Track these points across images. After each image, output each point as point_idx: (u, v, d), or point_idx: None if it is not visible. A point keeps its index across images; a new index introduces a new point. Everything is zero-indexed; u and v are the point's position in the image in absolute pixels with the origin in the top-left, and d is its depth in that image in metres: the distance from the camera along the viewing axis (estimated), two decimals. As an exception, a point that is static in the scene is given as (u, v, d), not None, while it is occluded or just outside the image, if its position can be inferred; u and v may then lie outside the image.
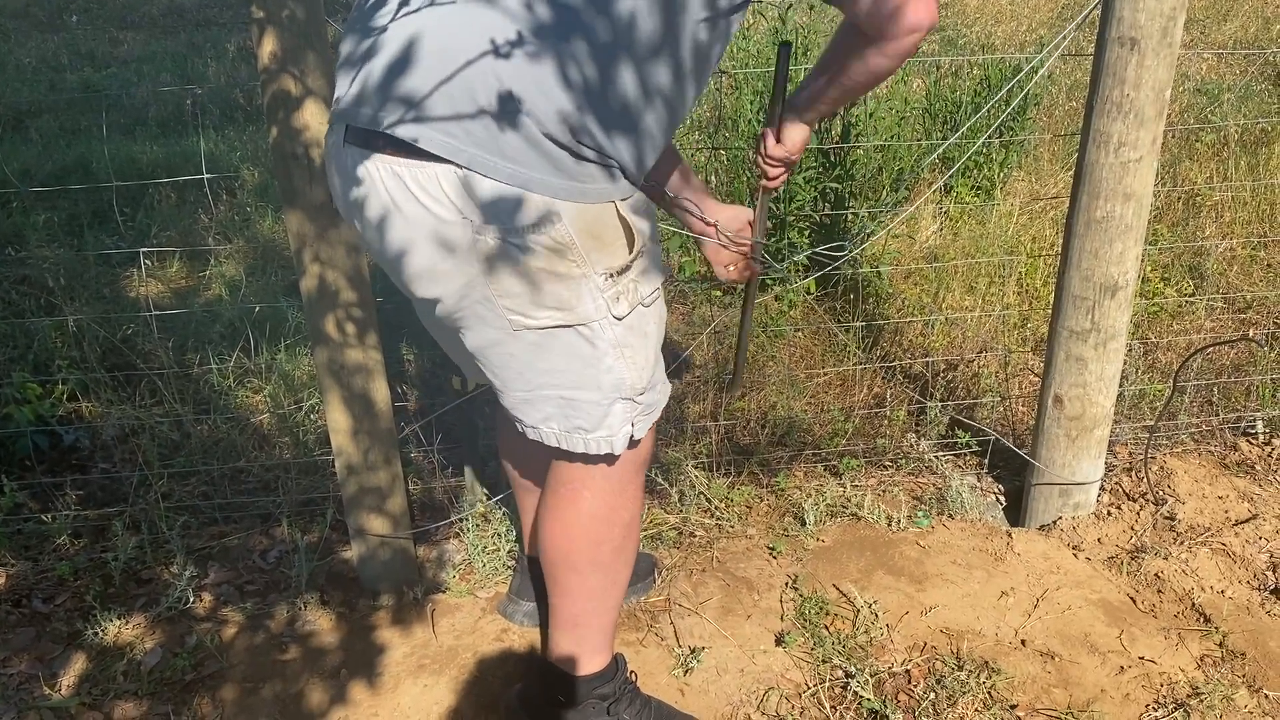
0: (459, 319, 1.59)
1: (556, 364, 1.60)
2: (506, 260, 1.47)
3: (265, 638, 2.28)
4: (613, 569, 1.83)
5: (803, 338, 3.58)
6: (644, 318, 1.63)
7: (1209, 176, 4.63)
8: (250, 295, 3.80)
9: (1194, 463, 2.84)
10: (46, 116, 6.05)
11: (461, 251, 1.47)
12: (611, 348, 1.60)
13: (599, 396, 1.63)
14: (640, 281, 1.61)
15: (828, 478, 2.80)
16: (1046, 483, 2.62)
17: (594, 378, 1.62)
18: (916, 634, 2.26)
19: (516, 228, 1.45)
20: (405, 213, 1.47)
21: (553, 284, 1.51)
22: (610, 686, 1.91)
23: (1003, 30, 7.44)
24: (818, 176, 3.75)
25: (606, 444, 1.68)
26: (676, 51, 1.48)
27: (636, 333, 1.63)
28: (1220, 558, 2.46)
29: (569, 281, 1.52)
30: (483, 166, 1.41)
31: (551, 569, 1.84)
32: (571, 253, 1.49)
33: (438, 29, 1.43)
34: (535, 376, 1.62)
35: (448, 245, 1.47)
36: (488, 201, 1.43)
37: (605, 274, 1.54)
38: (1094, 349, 2.46)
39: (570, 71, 1.40)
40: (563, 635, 1.90)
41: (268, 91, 2.21)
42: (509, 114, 1.39)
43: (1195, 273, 3.93)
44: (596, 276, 1.54)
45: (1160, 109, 2.25)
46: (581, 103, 1.42)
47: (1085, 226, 2.36)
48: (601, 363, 1.61)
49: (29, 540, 2.59)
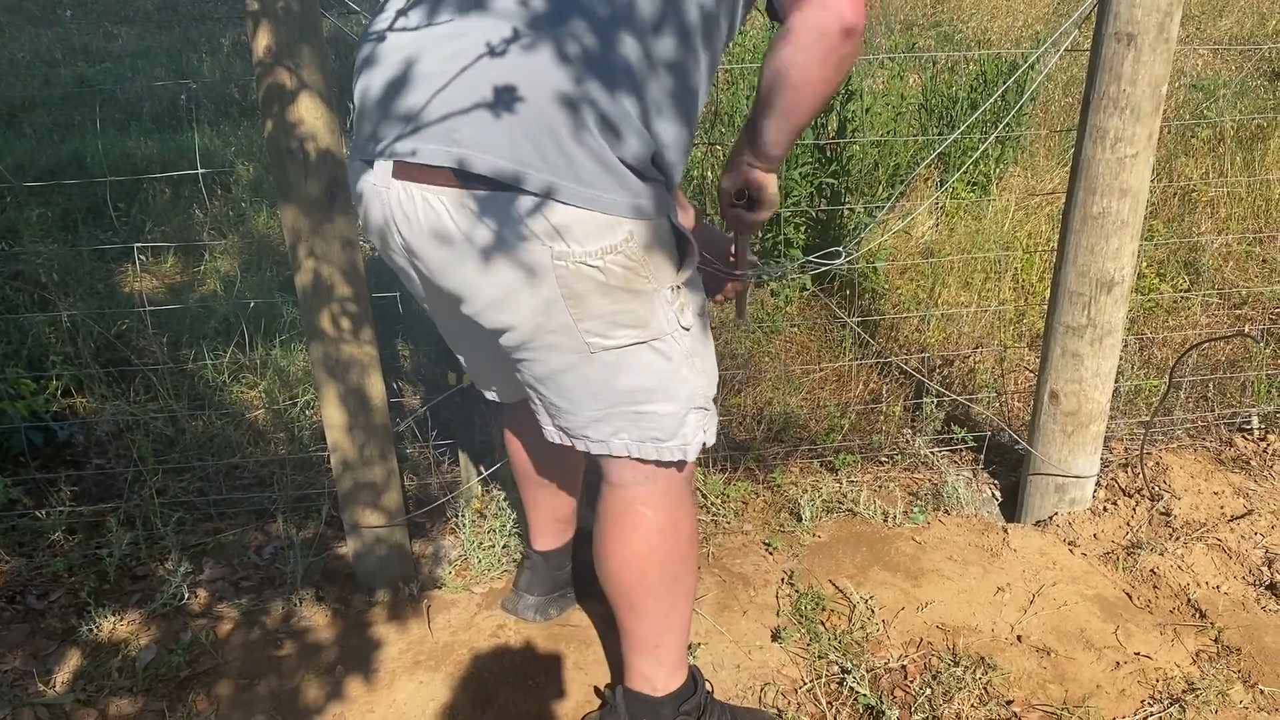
0: (531, 347, 1.58)
1: (634, 381, 1.60)
2: (586, 282, 1.48)
3: (260, 634, 2.27)
4: (684, 581, 1.82)
5: (799, 333, 3.57)
6: (704, 325, 1.67)
7: (1205, 172, 4.64)
8: (245, 290, 3.79)
9: (1189, 458, 2.84)
10: (40, 111, 6.02)
11: (540, 277, 1.47)
12: (685, 359, 1.62)
13: (676, 408, 1.64)
14: (694, 291, 1.64)
15: (824, 474, 2.80)
16: (1043, 473, 2.62)
17: (672, 390, 1.63)
18: (912, 630, 2.26)
19: (595, 250, 1.45)
20: (477, 242, 1.45)
21: (630, 302, 1.52)
22: (694, 700, 1.89)
23: (999, 25, 7.44)
24: (814, 172, 3.75)
25: (680, 451, 1.68)
26: (710, 32, 1.51)
27: (701, 340, 1.65)
28: (1216, 553, 2.46)
29: (643, 298, 1.53)
30: (558, 192, 1.41)
31: (625, 597, 1.81)
32: (644, 269, 1.51)
33: (498, 61, 1.42)
34: (611, 396, 1.62)
35: (526, 272, 1.46)
36: (565, 225, 1.43)
37: (671, 287, 1.56)
38: (1090, 345, 2.46)
39: (615, 71, 1.41)
40: (642, 659, 1.86)
41: (263, 85, 2.20)
42: (576, 133, 1.40)
43: (1191, 268, 3.93)
44: (665, 290, 1.55)
45: (1157, 105, 2.25)
46: (625, 105, 1.42)
47: (1081, 222, 2.36)
48: (678, 374, 1.62)
49: (23, 536, 2.59)
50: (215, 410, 3.04)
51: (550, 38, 1.40)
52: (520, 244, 1.44)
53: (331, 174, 2.29)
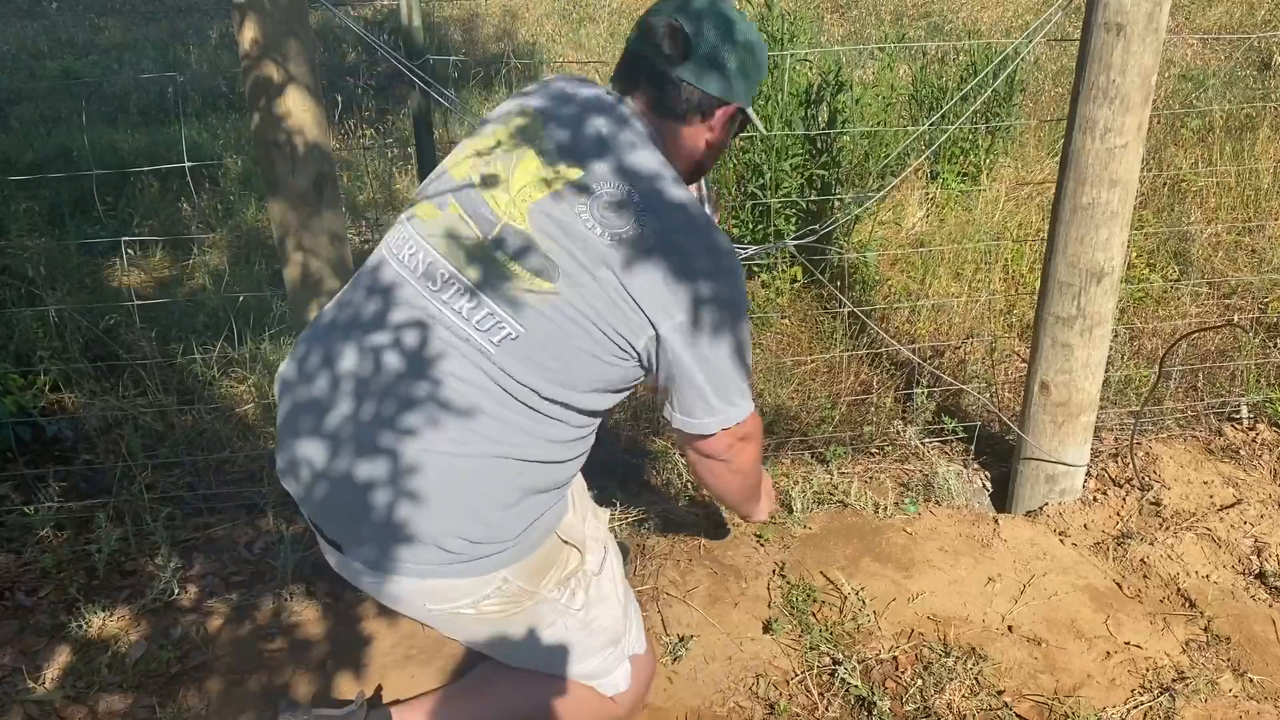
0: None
1: (540, 649, 1.65)
2: (462, 619, 1.57)
3: (251, 629, 2.27)
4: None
5: (789, 325, 3.57)
6: (598, 585, 1.69)
7: (1194, 162, 4.64)
8: (234, 284, 3.77)
9: (1179, 448, 2.85)
10: (26, 105, 5.99)
11: (427, 618, 1.59)
12: (580, 629, 1.66)
13: (591, 665, 1.69)
14: (586, 563, 1.67)
15: (815, 465, 2.80)
16: (1034, 458, 2.62)
17: (579, 654, 1.68)
18: (904, 621, 2.26)
19: (465, 603, 1.53)
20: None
21: (512, 619, 1.59)
22: None
23: (989, 16, 7.44)
24: (804, 163, 3.74)
25: (610, 688, 1.72)
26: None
27: (597, 604, 1.68)
28: (1205, 543, 2.47)
29: (524, 611, 1.59)
30: (427, 575, 1.49)
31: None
32: (523, 596, 1.58)
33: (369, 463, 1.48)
34: (523, 655, 1.67)
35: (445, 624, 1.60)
36: (434, 591, 1.52)
37: (556, 586, 1.62)
38: (1080, 335, 2.46)
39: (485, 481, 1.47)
40: None
41: (249, 78, 2.19)
42: (436, 533, 1.46)
43: (1180, 258, 3.94)
44: (547, 594, 1.61)
45: (1146, 95, 2.25)
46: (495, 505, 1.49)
47: (1071, 213, 2.36)
48: (578, 643, 1.67)
49: (11, 533, 2.57)
50: (204, 405, 3.03)
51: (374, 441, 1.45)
52: (423, 613, 1.57)
53: (319, 168, 2.27)
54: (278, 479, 1.59)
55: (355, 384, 1.46)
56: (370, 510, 1.44)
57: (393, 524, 1.43)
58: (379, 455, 1.43)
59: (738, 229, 3.83)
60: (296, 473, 1.51)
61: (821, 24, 7.32)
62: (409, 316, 1.47)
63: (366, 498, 1.44)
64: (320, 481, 1.48)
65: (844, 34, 7.10)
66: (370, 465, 1.43)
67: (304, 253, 2.34)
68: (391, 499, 1.43)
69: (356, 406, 1.45)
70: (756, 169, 3.72)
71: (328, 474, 1.46)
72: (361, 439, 1.44)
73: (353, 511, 1.46)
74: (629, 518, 2.58)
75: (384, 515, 1.43)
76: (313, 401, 1.49)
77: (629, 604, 1.77)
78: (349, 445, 1.45)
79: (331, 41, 7.08)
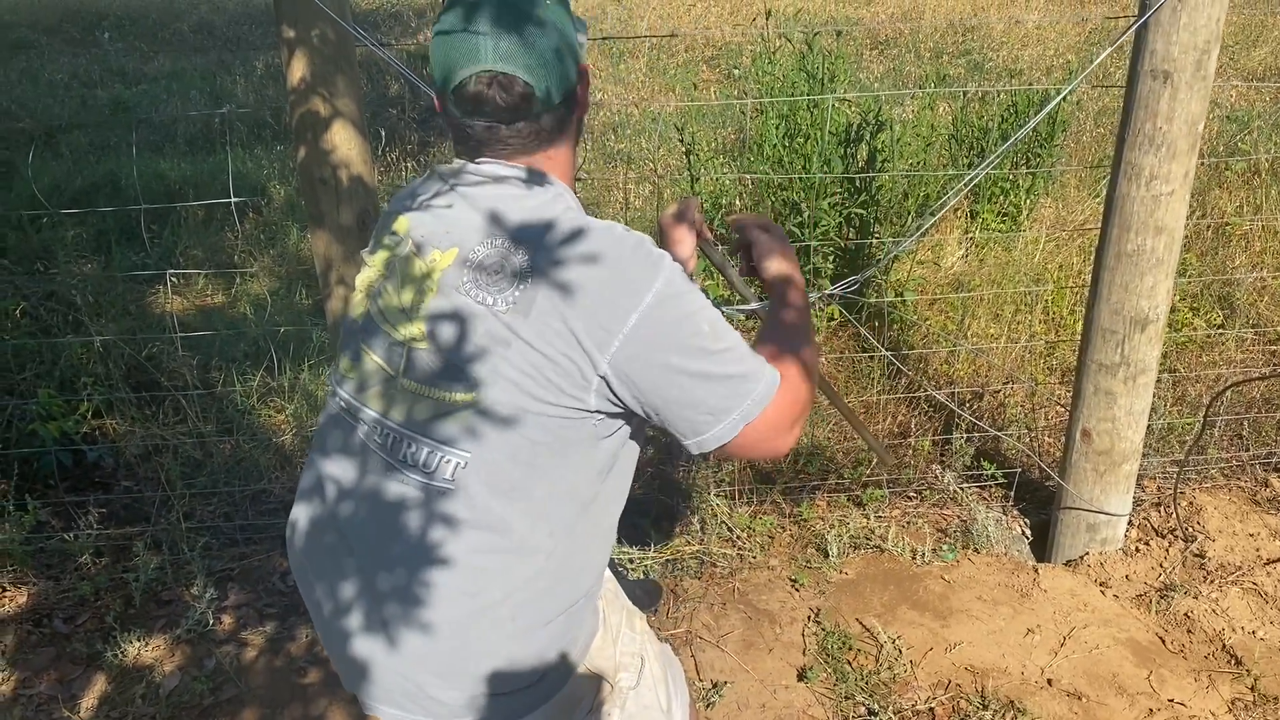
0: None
1: None
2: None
3: (285, 662, 2.27)
4: None
5: (826, 364, 3.55)
6: (638, 697, 1.56)
7: (1239, 206, 4.59)
8: (275, 313, 3.81)
9: (1224, 498, 2.79)
10: (77, 133, 6.11)
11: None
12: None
13: None
14: (619, 683, 1.54)
15: (851, 508, 2.77)
16: (1074, 507, 2.58)
17: None
18: (941, 671, 2.22)
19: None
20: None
21: None
22: None
23: (1029, 54, 7.42)
24: (843, 202, 3.74)
25: None
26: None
27: (637, 717, 1.56)
28: (1251, 597, 2.42)
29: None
30: None
31: None
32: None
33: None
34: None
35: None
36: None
37: (587, 715, 1.47)
38: (1123, 383, 2.43)
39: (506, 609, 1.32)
40: None
41: (296, 113, 2.22)
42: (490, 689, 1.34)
43: (1225, 303, 3.89)
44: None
45: (1193, 143, 2.23)
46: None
47: (1116, 259, 2.34)
48: None
49: (51, 558, 2.60)
50: (243, 434, 3.05)
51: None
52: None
53: (364, 203, 2.30)
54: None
55: (350, 578, 1.36)
56: (400, 700, 1.36)
57: (426, 703, 1.35)
58: (382, 644, 1.33)
59: (775, 267, 3.82)
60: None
61: (860, 60, 7.33)
62: (370, 485, 1.34)
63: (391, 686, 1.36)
64: (351, 665, 1.40)
65: (883, 70, 7.10)
66: (374, 652, 1.35)
67: (346, 286, 2.36)
68: (413, 690, 1.35)
69: (352, 596, 1.35)
70: (795, 207, 3.72)
71: (353, 661, 1.38)
72: (371, 627, 1.34)
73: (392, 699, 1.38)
74: (663, 557, 2.57)
75: (416, 703, 1.35)
76: (318, 585, 1.42)
77: (675, 698, 1.65)
78: (366, 634, 1.35)
79: (375, 73, 7.18)
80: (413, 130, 5.77)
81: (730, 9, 8.89)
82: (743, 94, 6.23)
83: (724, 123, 5.72)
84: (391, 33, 8.74)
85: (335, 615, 1.37)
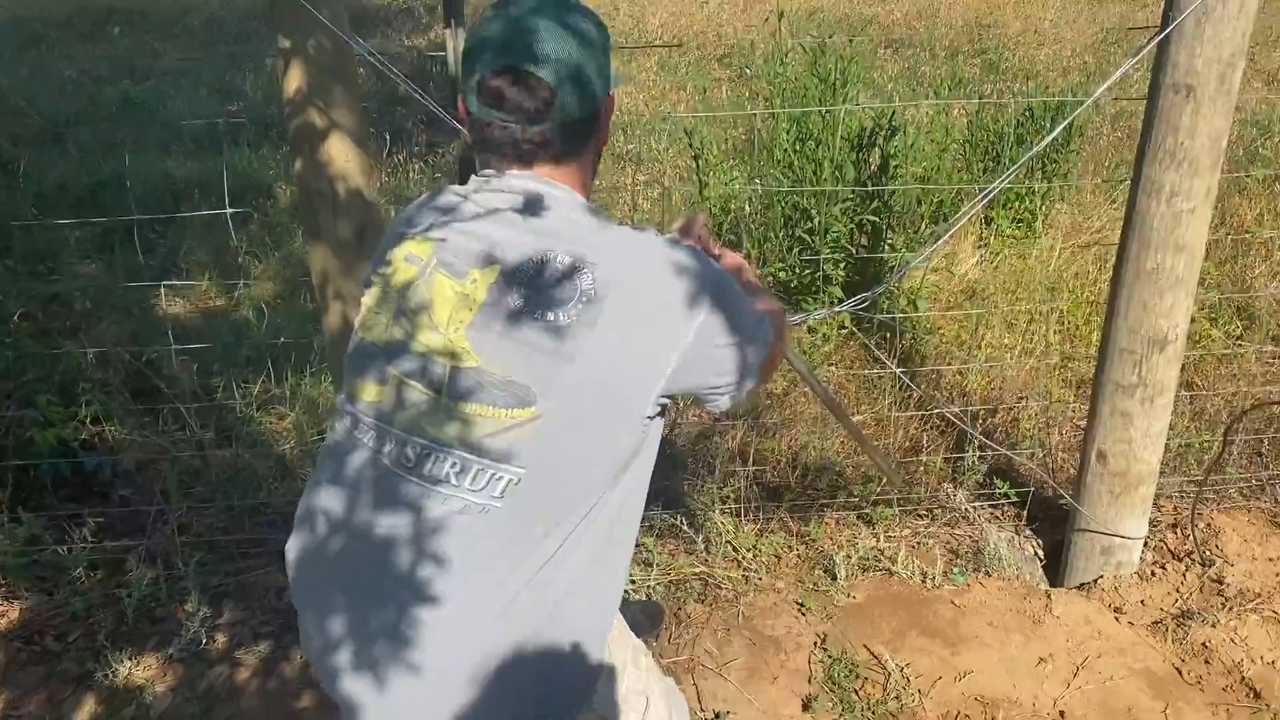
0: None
1: None
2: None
3: (278, 684, 2.23)
4: None
5: (836, 374, 3.49)
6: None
7: (1259, 213, 4.50)
8: (277, 319, 3.76)
9: (1243, 520, 2.72)
10: (84, 129, 6.07)
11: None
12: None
13: None
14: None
15: (860, 527, 2.71)
16: (1088, 530, 2.51)
17: None
18: (950, 701, 2.16)
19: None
20: None
21: None
22: None
23: (1045, 54, 7.32)
24: (854, 208, 3.67)
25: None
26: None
27: None
28: (1271, 626, 2.35)
29: None
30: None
31: None
32: None
33: None
34: None
35: None
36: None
37: None
38: (1140, 404, 2.36)
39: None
40: None
41: (292, 124, 2.17)
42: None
43: (1244, 314, 3.80)
44: None
45: (1216, 159, 2.16)
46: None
47: (1134, 277, 2.27)
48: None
49: (45, 572, 2.56)
50: (243, 443, 3.01)
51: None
52: None
53: (362, 216, 2.24)
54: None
55: (359, 615, 1.30)
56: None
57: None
58: (405, 687, 1.28)
59: (784, 274, 3.76)
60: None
61: (874, 60, 7.24)
62: (391, 511, 1.29)
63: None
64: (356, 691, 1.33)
65: (897, 70, 7.01)
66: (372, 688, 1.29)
67: (343, 301, 2.31)
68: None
69: (367, 636, 1.29)
70: (805, 213, 3.65)
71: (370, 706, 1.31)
72: (382, 670, 1.28)
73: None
74: (666, 578, 2.51)
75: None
76: (326, 620, 1.34)
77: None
78: (378, 674, 1.29)
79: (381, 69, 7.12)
80: (420, 130, 5.71)
81: (743, 6, 8.81)
82: (754, 94, 6.16)
83: (735, 123, 5.65)
84: (404, 29, 8.69)
85: (362, 681, 1.30)
